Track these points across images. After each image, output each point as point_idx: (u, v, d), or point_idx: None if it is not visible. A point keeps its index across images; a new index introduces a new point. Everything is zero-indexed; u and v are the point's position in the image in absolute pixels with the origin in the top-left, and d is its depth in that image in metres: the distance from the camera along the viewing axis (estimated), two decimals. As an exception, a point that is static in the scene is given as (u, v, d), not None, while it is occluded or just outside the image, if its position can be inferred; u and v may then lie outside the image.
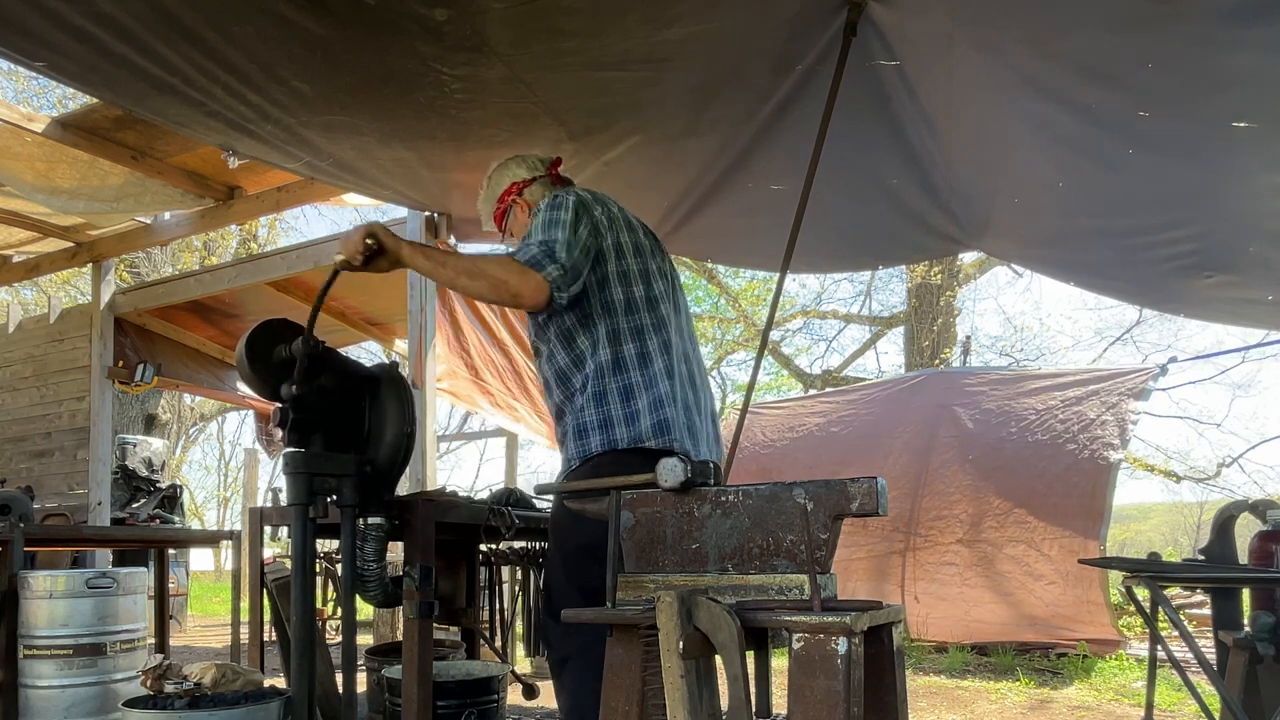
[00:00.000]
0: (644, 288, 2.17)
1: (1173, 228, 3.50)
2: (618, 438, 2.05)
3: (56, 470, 6.18)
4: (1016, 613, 6.20)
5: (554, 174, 2.45)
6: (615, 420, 2.07)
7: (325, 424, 2.07)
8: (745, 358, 17.04)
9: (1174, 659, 2.60)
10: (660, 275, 2.25)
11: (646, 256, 2.23)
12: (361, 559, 2.17)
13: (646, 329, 2.14)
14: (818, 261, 4.96)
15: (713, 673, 1.35)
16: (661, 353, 2.13)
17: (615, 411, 2.08)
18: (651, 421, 2.05)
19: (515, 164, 2.44)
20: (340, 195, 4.71)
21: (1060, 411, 6.55)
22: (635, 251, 2.20)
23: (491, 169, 2.49)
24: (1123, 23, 2.41)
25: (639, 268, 2.19)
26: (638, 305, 2.15)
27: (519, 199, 2.40)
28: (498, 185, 2.46)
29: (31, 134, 3.95)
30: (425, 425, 4.50)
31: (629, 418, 2.07)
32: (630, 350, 2.11)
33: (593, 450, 2.07)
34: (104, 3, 2.23)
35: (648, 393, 2.08)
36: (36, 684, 3.18)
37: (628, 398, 2.08)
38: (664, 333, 2.16)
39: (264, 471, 16.39)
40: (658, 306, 2.19)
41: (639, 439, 2.05)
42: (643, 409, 2.07)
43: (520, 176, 2.41)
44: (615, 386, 2.08)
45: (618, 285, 2.14)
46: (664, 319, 2.18)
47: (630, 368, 2.09)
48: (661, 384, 2.09)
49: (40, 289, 13.06)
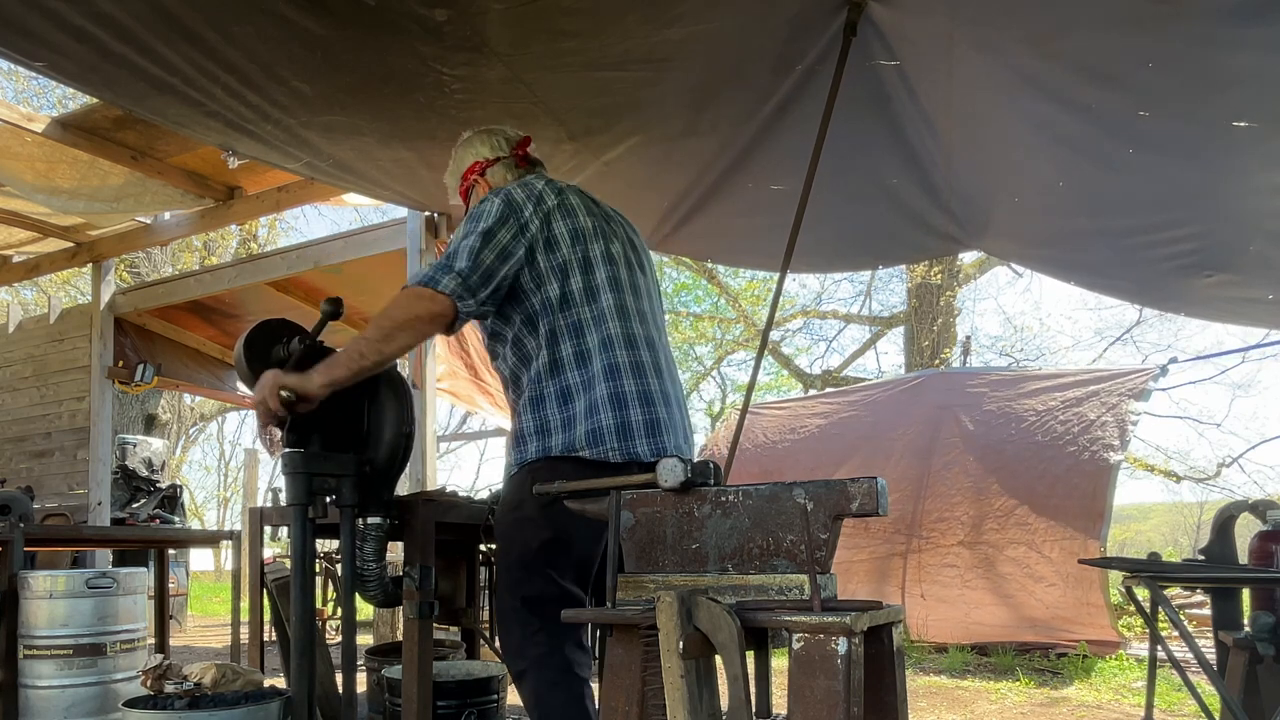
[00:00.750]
0: (582, 278, 2.04)
1: (1173, 227, 3.50)
2: (552, 445, 1.99)
3: (56, 470, 6.19)
4: (1017, 614, 6.20)
5: (519, 154, 2.32)
6: (551, 427, 2.00)
7: (324, 424, 2.07)
8: (745, 358, 17.05)
9: (1174, 659, 2.60)
10: (608, 260, 2.09)
11: (589, 241, 2.08)
12: (361, 559, 2.17)
13: (585, 324, 2.02)
14: (818, 261, 4.97)
15: (713, 673, 1.35)
16: (603, 349, 2.01)
17: (552, 417, 2.00)
18: (587, 428, 1.96)
19: (480, 141, 2.33)
20: (340, 195, 4.72)
21: (1061, 413, 6.55)
22: (573, 239, 2.06)
23: (460, 141, 2.38)
24: (1123, 23, 2.41)
25: (580, 256, 2.05)
26: (574, 299, 2.02)
27: (480, 179, 2.30)
28: (461, 161, 2.35)
29: (31, 134, 3.95)
30: (425, 425, 4.50)
31: (566, 423, 1.98)
32: (567, 350, 2.01)
33: (528, 457, 2.02)
34: (104, 3, 2.23)
35: (584, 395, 1.98)
36: (36, 684, 3.17)
37: (565, 401, 2.00)
38: (606, 325, 2.03)
39: (264, 471, 16.39)
40: (598, 297, 2.04)
41: (572, 446, 1.97)
42: (579, 413, 1.98)
43: (483, 156, 2.31)
44: (552, 391, 2.01)
45: (552, 280, 2.02)
46: (607, 310, 2.04)
47: (566, 368, 2.01)
48: (599, 386, 1.98)
49: (40, 289, 13.06)
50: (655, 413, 2.01)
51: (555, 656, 1.95)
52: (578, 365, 2.00)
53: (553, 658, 1.96)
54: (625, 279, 2.12)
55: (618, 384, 1.99)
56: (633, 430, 1.97)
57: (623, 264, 2.13)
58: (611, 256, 2.11)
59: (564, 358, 2.01)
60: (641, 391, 2.00)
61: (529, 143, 2.36)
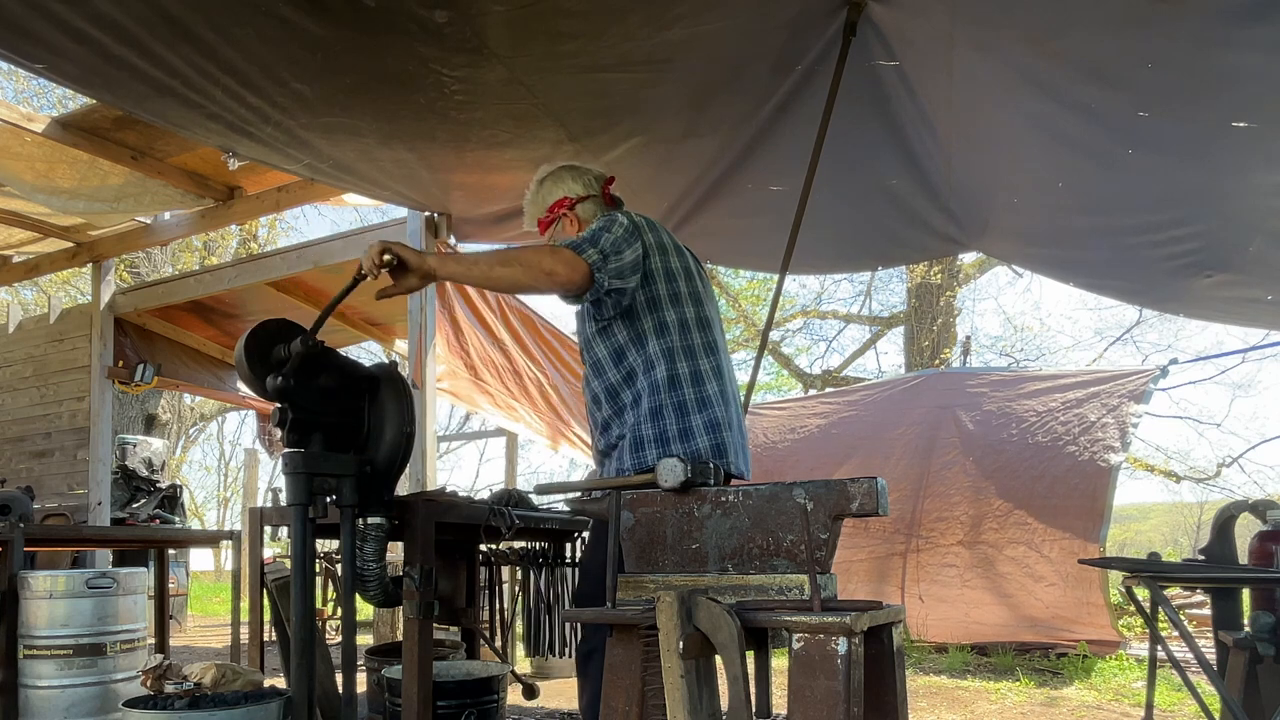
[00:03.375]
0: (695, 309, 2.24)
1: (1173, 227, 3.50)
2: (674, 453, 2.09)
3: (56, 470, 6.18)
4: (1016, 614, 6.20)
5: (606, 194, 2.45)
6: (670, 436, 2.14)
7: (325, 424, 2.07)
8: (745, 358, 17.02)
9: (1174, 659, 2.59)
10: (698, 299, 2.29)
11: (696, 280, 2.30)
12: (361, 559, 2.17)
13: (698, 349, 2.21)
14: (817, 262, 4.97)
15: (713, 673, 1.35)
16: (715, 376, 2.22)
17: (671, 428, 2.15)
18: (710, 442, 2.14)
19: (571, 177, 2.42)
20: (340, 195, 4.71)
21: (1061, 414, 6.55)
22: (686, 276, 2.27)
23: (544, 173, 2.45)
24: (1123, 23, 2.41)
25: (689, 290, 2.26)
26: (690, 326, 2.22)
27: (570, 213, 2.39)
28: (549, 195, 2.42)
29: (31, 134, 3.95)
30: (425, 425, 4.50)
31: (683, 434, 2.14)
32: (684, 369, 2.18)
33: (649, 463, 2.11)
34: (104, 5, 2.24)
35: (703, 412, 2.16)
36: (36, 684, 3.17)
37: (682, 414, 2.16)
38: (716, 356, 2.25)
39: (264, 471, 16.39)
40: (709, 329, 2.26)
41: (698, 457, 2.11)
42: (698, 427, 2.15)
43: (575, 192, 2.40)
44: (670, 403, 2.15)
45: (670, 307, 2.20)
46: (714, 342, 2.27)
47: (684, 385, 2.17)
48: (718, 407, 2.18)
49: (40, 289, 13.06)
50: (736, 437, 2.25)
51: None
52: (694, 384, 2.18)
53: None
54: (713, 317, 2.33)
55: (726, 412, 2.22)
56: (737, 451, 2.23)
57: (707, 301, 2.34)
58: (700, 296, 2.31)
59: (682, 375, 2.18)
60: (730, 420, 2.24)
61: (613, 181, 2.49)
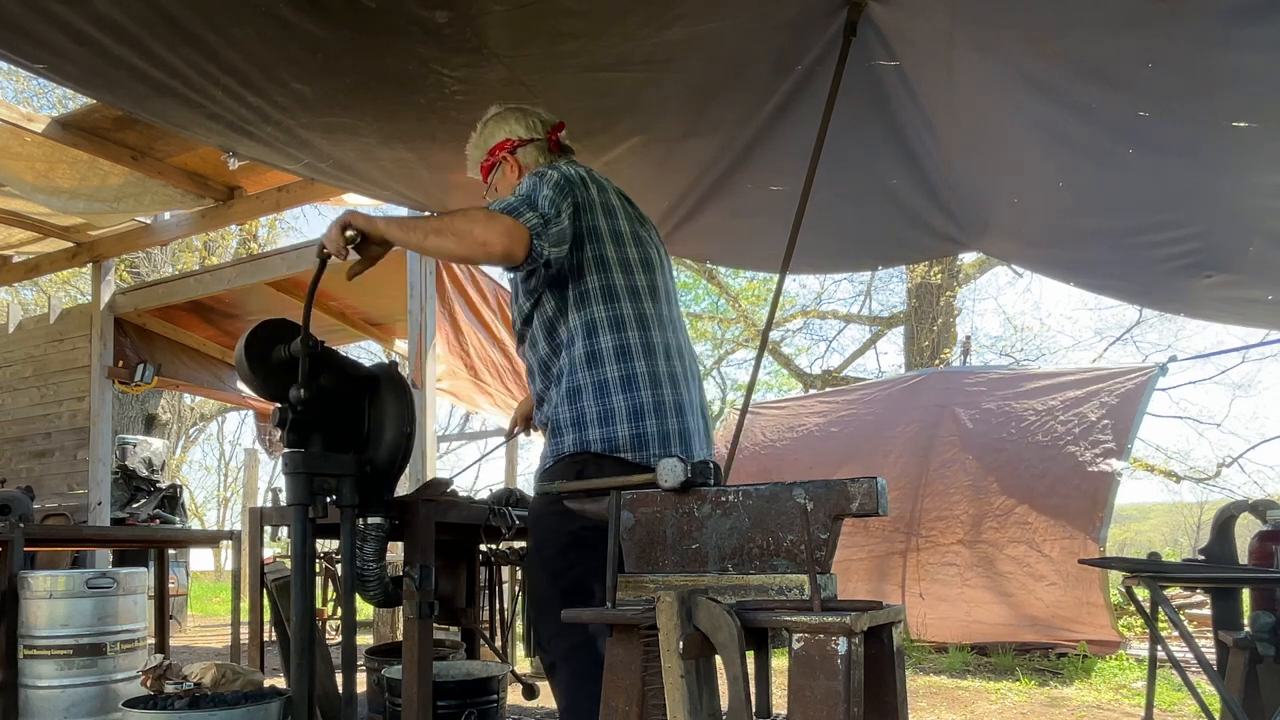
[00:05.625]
0: (626, 276, 2.04)
1: (1172, 227, 3.50)
2: (591, 439, 1.97)
3: (56, 470, 6.19)
4: (1017, 613, 6.20)
5: (553, 139, 2.27)
6: (587, 420, 1.97)
7: (325, 424, 2.07)
8: (745, 358, 17.05)
9: (1174, 659, 2.59)
10: (645, 266, 2.10)
11: (635, 246, 2.10)
12: (361, 559, 2.17)
13: (627, 321, 2.01)
14: (817, 262, 4.97)
15: (713, 673, 1.35)
16: (645, 352, 2.01)
17: (589, 411, 1.98)
18: (631, 431, 1.96)
19: (515, 118, 2.27)
20: (340, 195, 4.72)
21: (1061, 412, 6.55)
22: (622, 239, 2.07)
23: (489, 114, 2.31)
24: (1122, 23, 2.41)
25: (621, 256, 2.05)
26: (619, 294, 2.01)
27: (510, 157, 2.24)
28: (491, 136, 2.28)
29: (31, 134, 3.95)
30: (425, 425, 4.50)
31: (603, 416, 1.97)
32: (607, 344, 1.99)
33: (565, 450, 2.00)
34: (105, 5, 2.24)
35: (627, 394, 1.97)
36: (36, 684, 3.18)
37: (601, 395, 1.97)
38: (651, 330, 2.03)
39: (264, 471, 16.38)
40: (645, 299, 2.05)
41: (615, 448, 1.96)
42: (619, 411, 1.96)
43: (517, 134, 2.25)
44: (589, 383, 1.98)
45: (595, 273, 2.01)
46: (650, 315, 2.05)
47: (605, 362, 1.98)
48: (644, 390, 1.98)
49: (40, 289, 13.07)
50: (685, 422, 2.04)
51: (589, 650, 1.95)
52: (617, 360, 1.98)
53: (586, 651, 1.95)
54: (661, 287, 2.13)
55: (659, 393, 2.00)
56: (670, 438, 2.00)
57: (656, 270, 2.14)
58: (648, 262, 2.12)
59: (603, 351, 1.99)
60: (676, 402, 2.03)
61: (563, 128, 2.31)
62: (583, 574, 1.99)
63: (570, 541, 1.99)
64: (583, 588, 1.98)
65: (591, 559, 1.98)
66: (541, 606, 2.05)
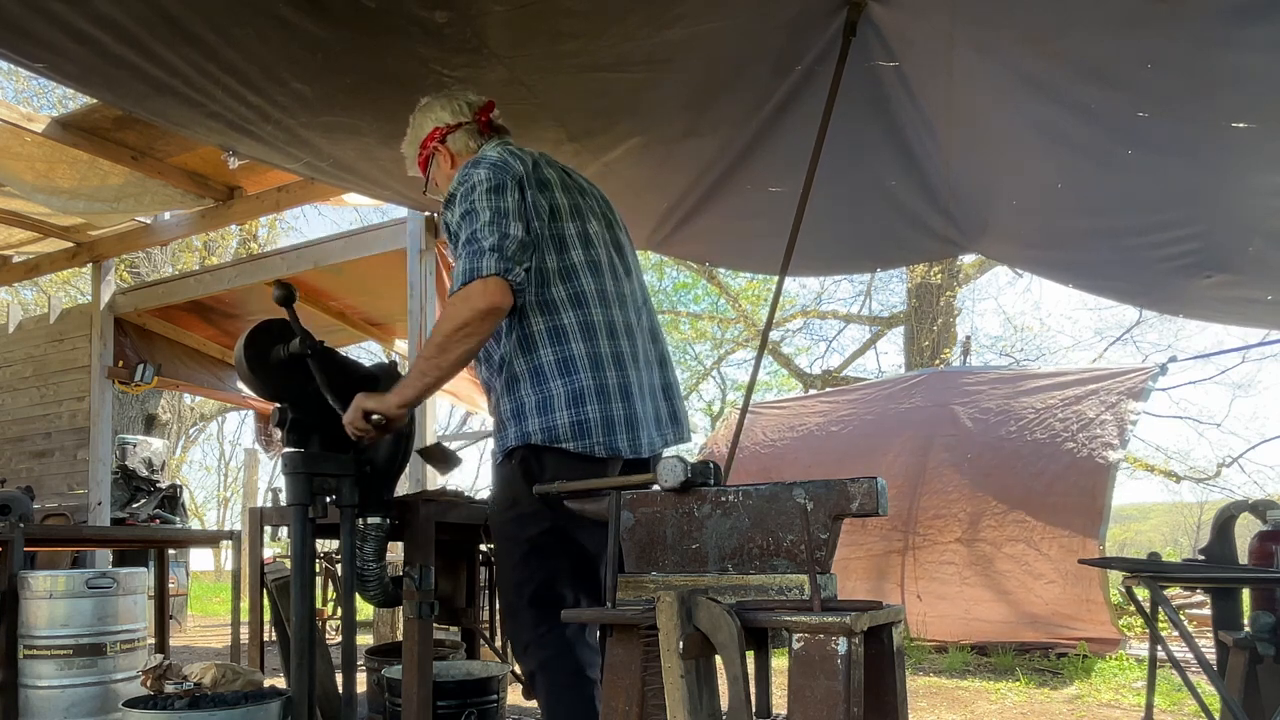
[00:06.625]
0: (557, 256, 1.95)
1: (1172, 227, 3.50)
2: (530, 430, 1.89)
3: (56, 470, 6.19)
4: (1016, 612, 6.20)
5: (482, 120, 2.19)
6: (527, 410, 1.90)
7: (324, 424, 2.07)
8: (745, 358, 17.04)
9: (1174, 659, 2.60)
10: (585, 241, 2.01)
11: (565, 219, 1.99)
12: (361, 559, 2.17)
13: (560, 303, 1.92)
14: (817, 264, 4.97)
15: (713, 673, 1.35)
16: (585, 336, 1.91)
17: (527, 399, 1.90)
18: (571, 419, 1.87)
19: (440, 105, 2.21)
20: (340, 195, 4.72)
21: (1060, 411, 6.55)
22: (550, 214, 1.97)
23: (417, 106, 2.26)
24: (1122, 23, 2.41)
25: (555, 231, 1.96)
26: (550, 275, 1.93)
27: (441, 147, 2.19)
28: (420, 128, 2.22)
29: (31, 134, 3.95)
30: (425, 425, 4.50)
31: (542, 406, 1.88)
32: (539, 326, 1.91)
33: (508, 443, 1.94)
34: (104, 5, 2.23)
35: (563, 379, 1.88)
36: (36, 684, 3.17)
37: (538, 382, 1.90)
38: (586, 310, 1.93)
39: (264, 471, 16.42)
40: (574, 278, 1.95)
41: (555, 438, 1.88)
42: (557, 397, 1.88)
43: (443, 121, 2.18)
44: (525, 369, 1.91)
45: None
46: (587, 294, 1.95)
47: (540, 346, 1.91)
48: (583, 374, 1.89)
49: (40, 289, 13.07)
50: (633, 407, 1.95)
51: (566, 659, 1.93)
52: (552, 343, 1.91)
53: (563, 660, 1.93)
54: (605, 261, 2.04)
55: (601, 375, 1.91)
56: (615, 424, 1.91)
57: (601, 245, 2.05)
58: (589, 237, 2.02)
59: (536, 334, 1.91)
60: (622, 384, 1.93)
61: (493, 108, 2.24)
62: (547, 579, 1.97)
63: (529, 549, 1.97)
64: (551, 593, 1.96)
65: (553, 564, 1.96)
66: (512, 616, 2.02)
